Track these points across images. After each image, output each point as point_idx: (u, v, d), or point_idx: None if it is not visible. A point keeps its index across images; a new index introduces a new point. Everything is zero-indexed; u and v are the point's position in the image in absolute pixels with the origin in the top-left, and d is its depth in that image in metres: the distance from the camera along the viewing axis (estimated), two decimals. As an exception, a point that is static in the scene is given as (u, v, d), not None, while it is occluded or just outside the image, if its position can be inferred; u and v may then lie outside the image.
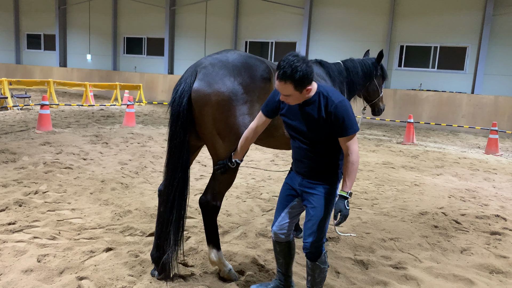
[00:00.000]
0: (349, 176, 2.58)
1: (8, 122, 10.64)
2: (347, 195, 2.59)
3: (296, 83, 2.42)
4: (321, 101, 2.58)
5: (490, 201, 6.15)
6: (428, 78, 18.98)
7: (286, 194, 2.91)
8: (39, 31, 28.29)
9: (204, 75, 2.93)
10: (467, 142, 13.29)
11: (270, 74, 3.16)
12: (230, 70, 2.96)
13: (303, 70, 2.40)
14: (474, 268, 3.80)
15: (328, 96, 2.58)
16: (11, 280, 3.04)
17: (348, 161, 2.57)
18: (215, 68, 2.96)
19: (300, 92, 2.49)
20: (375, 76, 4.77)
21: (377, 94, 4.90)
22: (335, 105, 2.54)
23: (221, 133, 2.95)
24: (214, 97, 2.88)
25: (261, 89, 3.06)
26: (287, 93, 2.49)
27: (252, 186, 6.25)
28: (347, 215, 2.58)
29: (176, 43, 24.28)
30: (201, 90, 2.90)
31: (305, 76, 2.42)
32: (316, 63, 4.28)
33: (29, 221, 4.19)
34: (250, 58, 3.13)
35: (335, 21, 20.40)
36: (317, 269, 2.79)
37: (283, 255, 3.02)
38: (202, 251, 3.74)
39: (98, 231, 4.14)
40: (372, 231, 4.60)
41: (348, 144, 2.56)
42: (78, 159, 7.16)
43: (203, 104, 2.91)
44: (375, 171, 7.81)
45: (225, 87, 2.90)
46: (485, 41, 17.39)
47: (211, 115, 2.91)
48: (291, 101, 2.56)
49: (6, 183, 5.38)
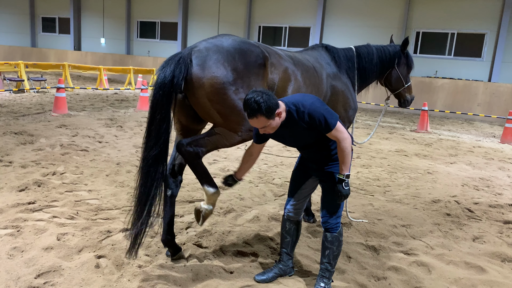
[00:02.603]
0: (343, 161, 2.76)
1: (25, 104, 10.82)
2: (344, 177, 2.76)
3: (266, 114, 2.55)
4: (294, 116, 2.71)
5: (504, 190, 6.10)
6: (444, 65, 18.68)
7: (299, 173, 3.07)
8: (54, 14, 28.45)
9: (198, 59, 2.93)
10: (482, 131, 13.11)
11: (265, 59, 3.15)
12: (224, 55, 2.96)
13: (266, 100, 2.53)
14: (486, 256, 3.81)
15: (297, 108, 2.70)
16: (33, 257, 3.15)
17: (340, 149, 2.74)
18: (209, 52, 2.96)
19: (273, 119, 2.62)
20: (397, 65, 4.44)
21: (401, 84, 4.53)
22: (307, 113, 2.68)
23: (222, 113, 2.98)
24: (207, 81, 2.89)
25: (255, 74, 3.06)
26: (263, 125, 2.62)
27: (264, 172, 6.30)
28: (347, 194, 2.78)
29: (189, 27, 24.21)
30: (195, 74, 2.90)
31: (269, 104, 2.54)
32: (322, 48, 4.17)
33: (48, 201, 4.31)
34: (244, 43, 3.12)
35: (350, 6, 20.10)
36: (336, 241, 2.94)
37: (291, 233, 3.16)
38: (216, 233, 3.81)
39: (115, 212, 4.24)
40: (384, 218, 4.62)
41: (335, 135, 2.72)
42: (93, 141, 7.28)
43: (197, 86, 2.91)
44: (388, 159, 7.79)
45: (219, 72, 2.91)
46: (504, 27, 16.99)
47: (206, 97, 2.92)
48: (270, 130, 2.69)
49: (25, 164, 5.51)
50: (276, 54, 3.37)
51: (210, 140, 3.01)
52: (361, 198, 5.37)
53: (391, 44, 4.57)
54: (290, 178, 3.15)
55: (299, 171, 3.09)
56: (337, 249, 2.96)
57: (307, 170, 3.05)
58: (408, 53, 4.53)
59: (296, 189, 3.09)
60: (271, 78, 3.23)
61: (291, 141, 2.95)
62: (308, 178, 3.06)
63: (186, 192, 4.97)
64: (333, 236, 2.93)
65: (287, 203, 3.14)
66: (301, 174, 3.07)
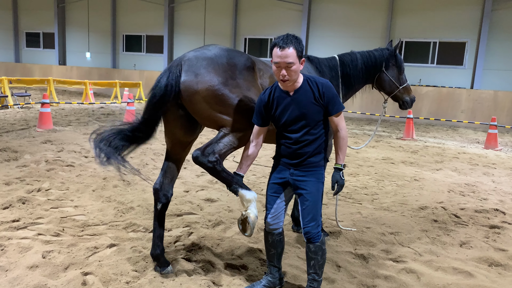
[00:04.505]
0: (341, 149, 2.87)
1: (9, 120, 10.68)
2: (341, 167, 2.87)
3: (297, 47, 2.67)
4: (312, 86, 2.81)
5: (489, 195, 6.19)
6: (428, 74, 19.02)
7: (276, 186, 3.02)
8: (38, 29, 28.29)
9: (189, 67, 2.99)
10: (466, 137, 13.33)
11: (252, 63, 3.22)
12: (214, 60, 3.02)
13: (299, 41, 2.72)
14: (474, 261, 3.85)
15: (315, 80, 2.84)
16: (17, 276, 3.09)
17: (339, 137, 2.85)
18: (199, 59, 3.02)
19: (299, 61, 2.72)
20: (385, 68, 4.41)
21: (394, 86, 4.46)
22: (325, 86, 2.81)
23: (225, 113, 2.99)
24: (201, 85, 2.93)
25: (246, 75, 3.11)
26: (291, 60, 2.66)
27: (253, 182, 6.29)
28: (343, 184, 2.89)
29: (176, 40, 24.28)
30: (188, 81, 2.95)
31: (302, 46, 2.69)
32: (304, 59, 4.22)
33: (33, 218, 4.24)
34: (232, 50, 3.21)
35: (334, 17, 20.42)
36: (320, 250, 2.92)
37: (276, 246, 3.11)
38: (204, 246, 3.79)
39: (102, 228, 4.18)
40: (372, 226, 4.64)
41: (337, 121, 2.84)
42: (79, 157, 7.20)
43: (192, 93, 2.95)
44: (375, 167, 7.85)
45: (211, 75, 2.96)
46: (484, 36, 17.41)
47: (204, 101, 2.95)
48: (292, 75, 2.72)
49: (9, 181, 5.42)
50: (262, 62, 3.44)
51: (223, 142, 2.99)
52: (349, 206, 5.39)
53: (377, 48, 4.54)
54: (266, 192, 3.09)
55: (274, 183, 3.03)
56: (322, 258, 2.94)
57: (282, 181, 2.99)
58: (397, 54, 4.46)
59: (273, 202, 3.03)
60: (261, 82, 3.27)
61: (295, 114, 2.81)
62: (283, 190, 3.03)
63: (174, 205, 4.94)
64: (316, 246, 2.90)
65: (266, 217, 3.07)
66: (277, 186, 3.02)
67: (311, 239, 2.89)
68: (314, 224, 2.87)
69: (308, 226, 2.87)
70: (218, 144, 2.97)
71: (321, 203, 2.92)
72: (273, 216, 3.04)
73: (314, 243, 2.89)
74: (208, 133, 9.44)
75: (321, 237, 2.92)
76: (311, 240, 2.89)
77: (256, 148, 3.05)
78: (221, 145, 2.97)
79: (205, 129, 3.93)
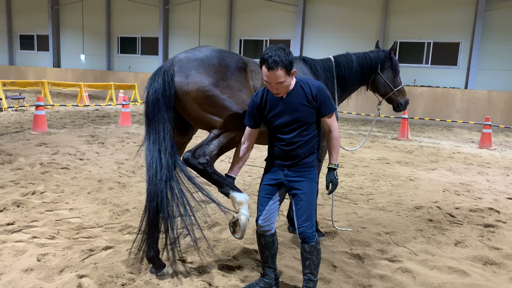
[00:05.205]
0: (334, 149, 2.91)
1: (3, 123, 10.62)
2: (335, 166, 2.92)
3: (286, 65, 2.65)
4: (304, 88, 2.83)
5: (484, 194, 6.23)
6: (422, 74, 19.10)
7: (270, 187, 3.02)
8: (32, 31, 28.16)
9: (180, 68, 3.01)
10: (461, 137, 13.40)
11: (244, 64, 3.23)
12: (205, 61, 3.03)
13: (288, 54, 2.67)
14: (468, 260, 3.87)
15: (307, 82, 2.87)
16: (12, 280, 3.07)
17: (332, 137, 2.89)
18: (190, 60, 3.04)
19: (289, 76, 2.71)
20: (381, 70, 4.38)
21: (389, 88, 4.44)
22: (317, 88, 2.83)
23: (215, 114, 3.00)
24: (192, 86, 2.95)
25: (237, 76, 3.12)
26: (280, 80, 2.67)
27: (248, 184, 6.29)
28: (337, 184, 2.94)
29: (170, 42, 24.25)
30: (178, 82, 2.97)
31: (290, 59, 2.68)
32: (299, 60, 4.16)
33: (28, 221, 4.22)
34: (224, 51, 3.21)
35: (329, 18, 20.48)
36: (315, 250, 2.93)
37: (269, 247, 3.11)
38: (200, 247, 3.78)
39: (97, 230, 4.17)
40: (367, 226, 4.66)
41: (330, 122, 2.88)
42: (74, 159, 7.17)
43: (183, 94, 2.97)
44: (370, 167, 7.88)
45: (201, 76, 2.97)
46: (478, 36, 17.52)
47: (194, 102, 2.97)
48: (283, 89, 2.75)
49: (3, 184, 5.39)
50: (255, 63, 3.43)
51: (213, 144, 3.00)
52: (344, 207, 5.41)
53: (373, 50, 4.50)
54: (258, 194, 3.09)
55: (267, 185, 3.03)
56: (317, 258, 2.94)
57: (276, 182, 2.99)
58: (392, 57, 4.44)
59: (265, 204, 3.02)
60: (253, 84, 3.27)
61: (288, 117, 2.83)
62: (276, 191, 3.03)
63: (169, 207, 4.92)
64: (311, 246, 2.91)
65: (258, 218, 3.06)
66: (270, 188, 3.02)
67: (305, 239, 2.90)
68: (308, 224, 2.88)
69: (302, 226, 2.88)
70: (209, 145, 2.98)
71: (315, 203, 2.94)
72: (264, 218, 3.04)
73: (309, 243, 2.90)
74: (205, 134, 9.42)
75: (315, 237, 2.92)
76: (305, 240, 2.90)
77: (248, 150, 3.06)
78: (212, 147, 2.98)
79: (199, 131, 3.93)
